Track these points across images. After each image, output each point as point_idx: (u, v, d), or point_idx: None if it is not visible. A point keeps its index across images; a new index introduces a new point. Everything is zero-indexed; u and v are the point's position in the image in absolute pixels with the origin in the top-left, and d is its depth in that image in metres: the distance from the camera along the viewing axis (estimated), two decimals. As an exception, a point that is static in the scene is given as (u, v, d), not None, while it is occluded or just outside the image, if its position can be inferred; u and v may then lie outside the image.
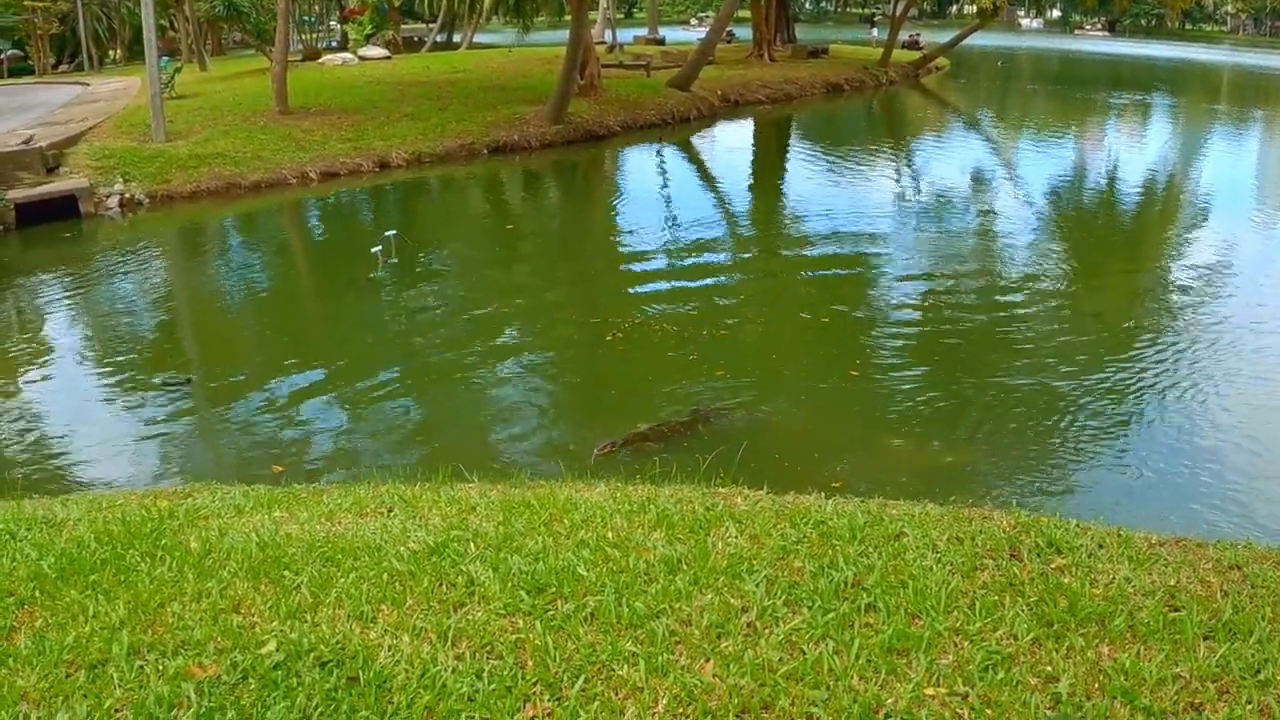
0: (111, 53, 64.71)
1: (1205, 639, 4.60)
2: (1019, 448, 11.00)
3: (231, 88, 38.92)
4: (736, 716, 4.00)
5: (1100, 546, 5.59)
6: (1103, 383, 12.69)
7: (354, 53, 51.30)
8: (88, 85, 43.35)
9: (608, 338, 14.60)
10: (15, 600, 5.11)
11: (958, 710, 4.04)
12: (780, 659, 4.34)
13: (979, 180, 29.69)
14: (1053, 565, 5.30)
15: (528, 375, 13.72)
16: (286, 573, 5.30)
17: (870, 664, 4.32)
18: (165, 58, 35.86)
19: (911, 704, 4.06)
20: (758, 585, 4.95)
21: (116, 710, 4.07)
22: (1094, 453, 10.86)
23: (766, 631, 4.56)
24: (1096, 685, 4.22)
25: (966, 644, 4.48)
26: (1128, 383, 12.70)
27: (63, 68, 61.31)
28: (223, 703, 4.07)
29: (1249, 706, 4.11)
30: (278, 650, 4.43)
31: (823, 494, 6.83)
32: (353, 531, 5.96)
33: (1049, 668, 4.33)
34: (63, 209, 23.62)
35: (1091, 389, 12.49)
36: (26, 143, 25.30)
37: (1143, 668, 4.31)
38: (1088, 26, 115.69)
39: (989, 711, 4.03)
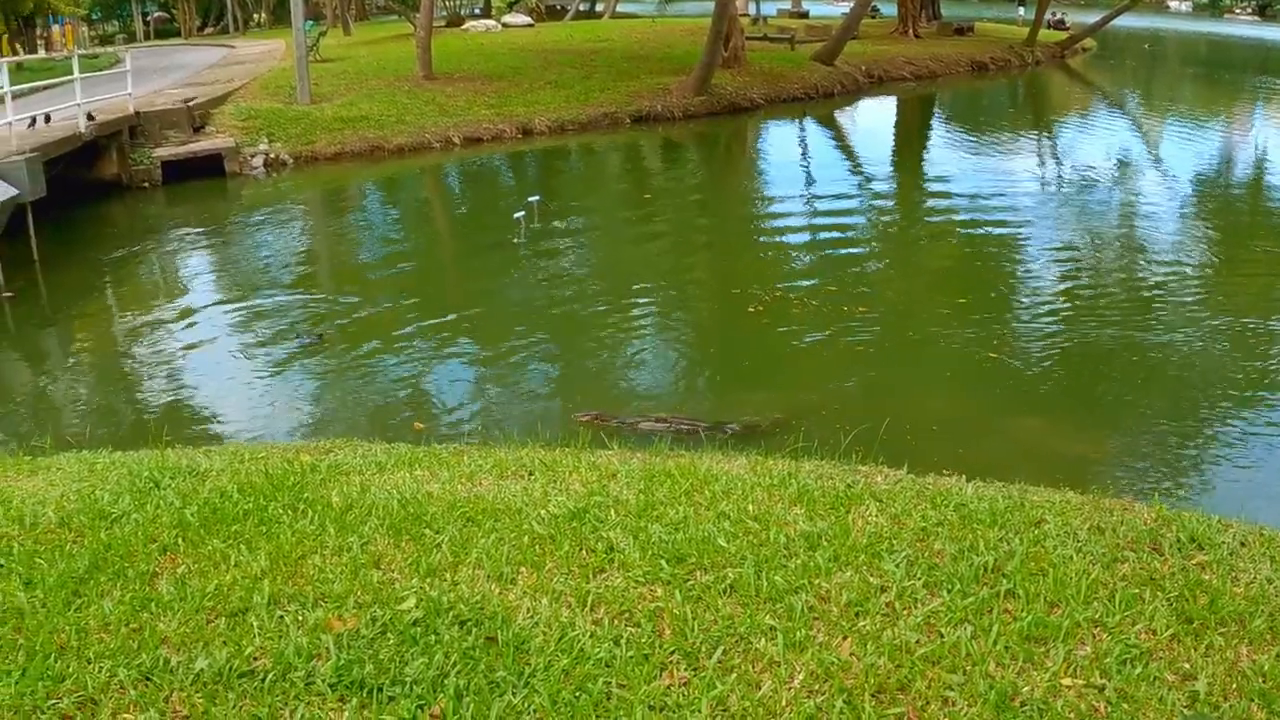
0: (256, 16, 65.96)
1: (1346, 645, 4.47)
2: (1159, 437, 10.77)
3: (375, 53, 39.47)
4: (873, 696, 3.97)
5: (1242, 544, 5.45)
6: (1246, 375, 12.35)
7: (497, 20, 51.87)
8: (233, 48, 44.36)
9: (749, 309, 14.63)
10: (159, 546, 5.21)
11: (1094, 703, 3.97)
12: (918, 640, 4.30)
13: (1124, 163, 29.02)
14: (1194, 561, 5.17)
15: (666, 345, 13.83)
16: (427, 531, 5.36)
17: (1008, 650, 4.26)
18: (310, 21, 36.46)
19: (1048, 693, 4.00)
20: (897, 565, 4.91)
21: (255, 658, 4.13)
22: (1237, 447, 10.58)
23: (905, 612, 4.52)
24: (1234, 686, 4.11)
25: (1105, 636, 4.40)
26: (1275, 375, 12.38)
27: (208, 30, 62.69)
28: (361, 656, 4.11)
29: (1391, 716, 4.00)
30: (417, 607, 4.48)
31: (962, 476, 6.77)
32: (493, 493, 6.01)
33: (1187, 665, 4.22)
34: (208, 167, 24.29)
35: (1235, 380, 12.19)
36: (186, 103, 25.92)
37: (1283, 672, 4.21)
38: (1238, 10, 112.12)
39: (1125, 706, 3.95)
